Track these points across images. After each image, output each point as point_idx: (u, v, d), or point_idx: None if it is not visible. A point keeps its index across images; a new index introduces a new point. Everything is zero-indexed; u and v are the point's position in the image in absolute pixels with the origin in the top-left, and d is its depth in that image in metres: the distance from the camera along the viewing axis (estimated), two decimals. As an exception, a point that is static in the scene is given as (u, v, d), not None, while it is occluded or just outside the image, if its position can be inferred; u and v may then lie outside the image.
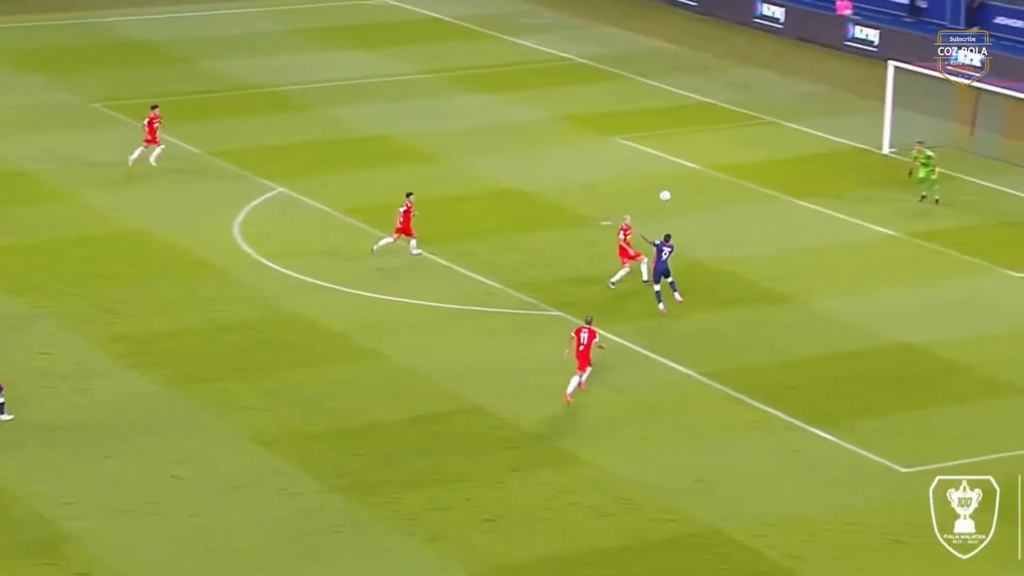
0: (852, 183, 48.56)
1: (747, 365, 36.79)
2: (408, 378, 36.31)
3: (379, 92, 57.14)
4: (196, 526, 30.51)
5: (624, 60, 61.12)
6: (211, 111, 55.08)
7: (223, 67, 60.03)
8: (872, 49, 61.11)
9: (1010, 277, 41.94)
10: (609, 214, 45.88)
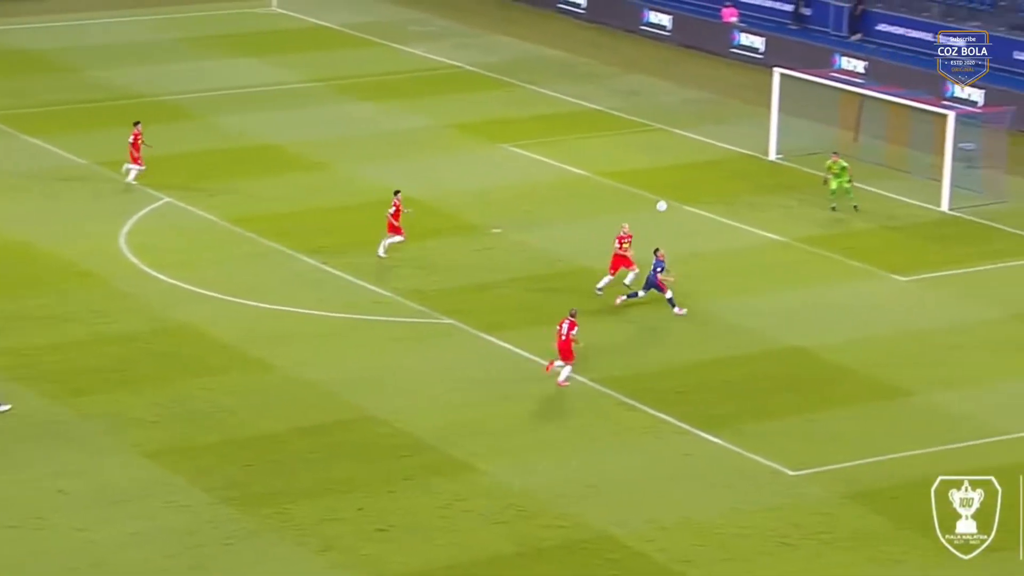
0: (739, 189, 48.93)
1: (638, 371, 36.91)
2: (299, 388, 36.03)
3: (267, 101, 56.73)
4: (83, 540, 30.05)
5: (513, 68, 61.16)
6: (97, 120, 54.38)
7: (109, 76, 59.31)
8: (758, 56, 61.66)
9: (895, 281, 42.45)
10: (499, 221, 45.88)
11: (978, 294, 41.50)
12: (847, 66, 57.76)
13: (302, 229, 45.08)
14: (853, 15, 62.85)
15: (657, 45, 64.47)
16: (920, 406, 35.48)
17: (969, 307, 40.74)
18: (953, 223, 46.58)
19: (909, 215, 47.03)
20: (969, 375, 36.95)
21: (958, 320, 39.92)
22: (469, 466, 32.77)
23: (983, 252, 44.30)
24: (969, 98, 54.72)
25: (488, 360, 37.47)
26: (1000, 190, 48.21)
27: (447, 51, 63.25)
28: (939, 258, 43.89)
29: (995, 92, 54.42)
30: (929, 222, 46.61)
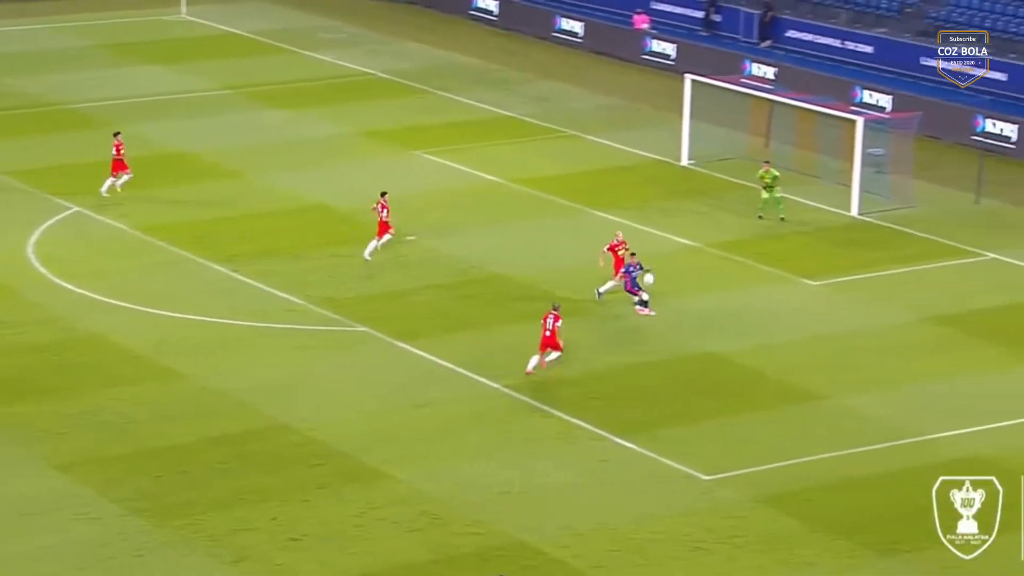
0: (652, 195, 49.06)
1: (552, 377, 36.84)
2: (210, 397, 35.68)
3: (178, 108, 56.26)
4: (-9, 555, 29.57)
5: (425, 75, 61.04)
6: (4, 129, 53.65)
7: (17, 83, 58.57)
8: (669, 63, 61.90)
9: (806, 286, 42.69)
10: (413, 229, 45.71)
11: (888, 298, 41.83)
12: (757, 72, 58.12)
13: (214, 238, 44.69)
14: (763, 22, 63.28)
15: (569, 52, 64.59)
16: (832, 409, 35.68)
17: (879, 311, 41.05)
18: (862, 228, 46.94)
19: (819, 220, 47.34)
20: (880, 378, 37.21)
21: (869, 324, 40.20)
22: (383, 474, 32.57)
23: (892, 256, 44.66)
24: (877, 104, 55.23)
25: (402, 367, 37.29)
26: (908, 195, 48.66)
27: (359, 58, 63.02)
28: (849, 263, 44.21)
29: (902, 98, 54.97)
30: (839, 227, 46.94)
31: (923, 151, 51.13)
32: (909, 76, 58.58)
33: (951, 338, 39.40)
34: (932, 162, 51.52)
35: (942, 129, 53.47)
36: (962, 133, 53.29)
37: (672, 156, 52.10)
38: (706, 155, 51.07)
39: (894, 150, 49.82)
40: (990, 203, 48.89)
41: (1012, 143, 52.72)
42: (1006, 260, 44.43)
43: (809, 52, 61.38)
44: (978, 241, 45.63)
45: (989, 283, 42.86)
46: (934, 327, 40.01)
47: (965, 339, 39.32)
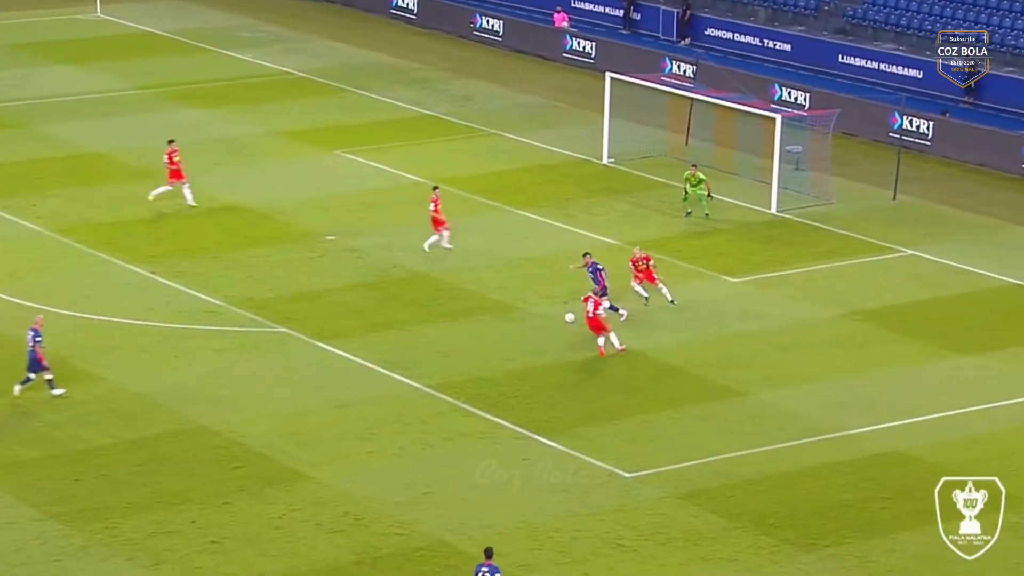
0: (572, 193, 49.16)
1: (473, 376, 36.84)
2: (128, 399, 35.40)
3: (93, 108, 55.76)
4: (-97, 562, 29.19)
5: (345, 73, 60.84)
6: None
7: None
8: (589, 61, 62.06)
9: (726, 282, 42.92)
10: (333, 228, 45.56)
11: (807, 294, 42.13)
12: (676, 70, 58.37)
13: (130, 239, 44.33)
14: (682, 20, 63.57)
15: (489, 50, 64.60)
16: (752, 406, 35.89)
17: (799, 307, 41.34)
18: (781, 224, 47.26)
19: (738, 217, 47.61)
20: (800, 374, 37.47)
21: (788, 320, 40.48)
22: (303, 475, 32.44)
23: (811, 253, 44.99)
24: (796, 101, 55.63)
25: (322, 368, 37.16)
26: (826, 191, 49.03)
27: (277, 57, 62.74)
28: (768, 259, 44.49)
29: (820, 95, 55.39)
30: (758, 223, 47.24)
31: (841, 148, 51.54)
32: (827, 74, 59.08)
33: (870, 333, 39.75)
34: (850, 159, 51.96)
35: (859, 126, 53.94)
36: (879, 130, 53.78)
37: (593, 154, 52.23)
38: (627, 153, 51.23)
39: (812, 147, 50.18)
40: (907, 199, 49.37)
41: (928, 140, 53.27)
42: (923, 256, 44.89)
43: (728, 50, 61.74)
44: (895, 237, 46.06)
45: (906, 279, 43.27)
46: (853, 323, 40.35)
47: (883, 334, 39.68)
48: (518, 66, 62.76)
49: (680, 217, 47.15)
